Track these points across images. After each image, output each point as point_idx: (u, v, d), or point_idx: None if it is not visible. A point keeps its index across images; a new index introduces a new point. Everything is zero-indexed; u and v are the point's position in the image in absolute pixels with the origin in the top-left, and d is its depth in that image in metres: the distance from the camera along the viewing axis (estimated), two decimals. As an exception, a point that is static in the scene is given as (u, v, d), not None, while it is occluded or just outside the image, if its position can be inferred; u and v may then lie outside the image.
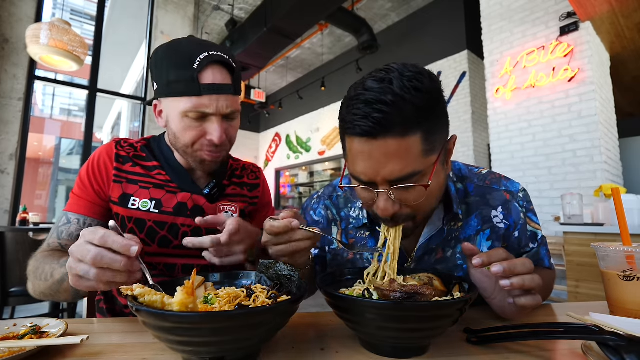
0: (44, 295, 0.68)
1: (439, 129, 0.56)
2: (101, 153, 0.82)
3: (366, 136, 0.53)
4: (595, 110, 3.35)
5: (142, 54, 4.45)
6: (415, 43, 6.38)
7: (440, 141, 0.57)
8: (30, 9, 3.37)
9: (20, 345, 0.45)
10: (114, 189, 0.78)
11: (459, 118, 5.49)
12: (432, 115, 0.54)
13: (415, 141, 0.53)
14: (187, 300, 0.39)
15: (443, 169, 0.62)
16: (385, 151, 0.53)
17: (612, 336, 0.40)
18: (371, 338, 0.48)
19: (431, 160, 0.56)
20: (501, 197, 0.73)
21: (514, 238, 0.72)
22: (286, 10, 5.09)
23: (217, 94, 0.71)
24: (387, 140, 0.52)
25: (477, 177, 0.76)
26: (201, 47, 0.71)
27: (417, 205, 0.59)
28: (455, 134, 0.64)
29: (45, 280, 0.65)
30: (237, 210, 0.87)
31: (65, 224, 0.76)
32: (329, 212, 0.84)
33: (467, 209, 0.72)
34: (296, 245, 0.57)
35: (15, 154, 3.22)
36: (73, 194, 0.80)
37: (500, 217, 0.72)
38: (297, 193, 10.42)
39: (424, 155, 0.55)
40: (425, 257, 0.72)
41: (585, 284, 2.48)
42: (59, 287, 0.64)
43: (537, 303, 0.52)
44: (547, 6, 3.68)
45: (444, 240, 0.71)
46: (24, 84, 3.29)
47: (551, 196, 3.58)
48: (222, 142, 0.74)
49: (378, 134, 0.52)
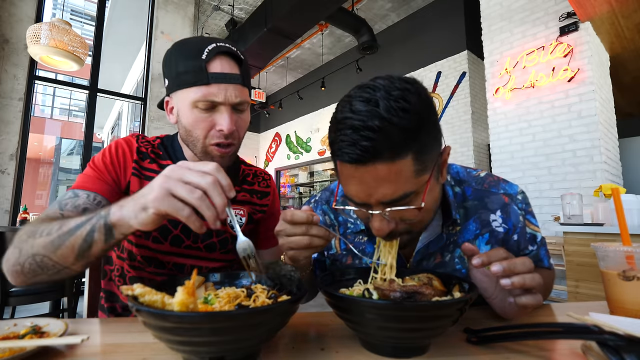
0: (32, 260, 0.56)
1: (430, 147, 0.54)
2: (120, 144, 0.81)
3: (355, 163, 0.52)
4: (595, 110, 3.35)
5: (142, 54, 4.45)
6: (415, 43, 6.38)
7: (432, 158, 0.56)
8: (30, 9, 3.37)
9: (20, 345, 0.45)
10: (133, 182, 0.77)
11: (459, 118, 5.49)
12: (422, 134, 0.52)
13: (406, 163, 0.52)
14: (187, 301, 0.39)
15: (437, 183, 0.61)
16: (376, 176, 0.52)
17: (612, 336, 0.40)
18: (371, 338, 0.48)
19: (424, 179, 0.55)
20: (500, 200, 0.72)
21: (513, 241, 0.72)
22: (286, 10, 5.09)
23: (226, 82, 0.71)
24: (377, 165, 0.51)
25: (475, 180, 0.75)
26: (209, 40, 0.73)
27: (415, 221, 0.59)
28: (454, 135, 0.65)
29: (48, 234, 0.55)
30: (245, 214, 0.88)
31: (71, 197, 0.69)
32: (326, 217, 0.83)
33: (465, 213, 0.71)
34: (310, 240, 0.56)
35: (16, 154, 3.22)
36: (82, 175, 0.74)
37: (499, 221, 0.71)
38: (297, 193, 10.42)
39: (415, 175, 0.53)
40: (423, 262, 0.72)
41: (585, 284, 2.48)
42: (65, 239, 0.54)
43: (537, 302, 0.52)
44: (547, 6, 3.68)
45: (443, 245, 0.71)
46: (24, 84, 3.29)
47: (551, 196, 3.58)
48: (231, 132, 0.73)
49: (367, 160, 0.51)
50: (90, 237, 0.53)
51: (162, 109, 0.86)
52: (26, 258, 0.56)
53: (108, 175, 0.76)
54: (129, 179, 0.78)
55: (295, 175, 10.57)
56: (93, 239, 0.53)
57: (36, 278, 0.58)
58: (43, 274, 0.57)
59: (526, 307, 0.53)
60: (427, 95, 0.54)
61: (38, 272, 0.57)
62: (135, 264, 0.79)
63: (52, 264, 0.56)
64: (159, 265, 0.80)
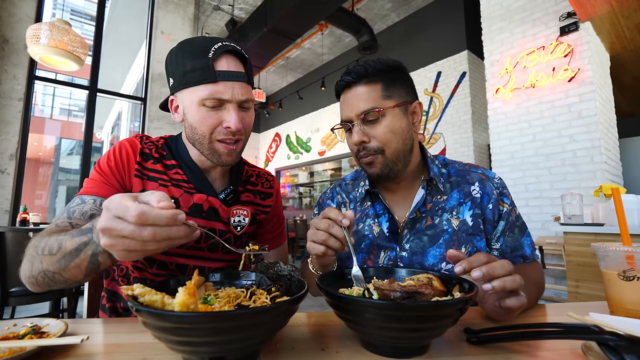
0: (44, 275, 0.58)
1: (397, 85, 0.79)
2: (124, 145, 0.81)
3: (346, 87, 0.81)
4: (595, 110, 3.35)
5: (142, 54, 4.45)
6: (415, 43, 6.38)
7: (398, 94, 0.79)
8: (30, 9, 3.37)
9: (20, 345, 0.45)
10: (135, 184, 0.78)
11: (459, 118, 5.49)
12: (390, 74, 0.79)
13: (376, 88, 0.78)
14: (188, 301, 0.39)
15: (405, 116, 0.80)
16: (356, 94, 0.79)
17: (612, 336, 0.40)
18: (371, 338, 0.48)
19: (389, 103, 0.78)
20: (478, 176, 0.86)
21: (489, 210, 0.82)
22: (286, 10, 5.09)
23: (232, 80, 0.73)
24: (357, 87, 0.79)
25: (458, 164, 0.92)
26: (214, 39, 0.74)
27: (382, 138, 0.78)
28: (454, 135, 0.68)
29: (50, 254, 0.56)
30: (249, 215, 0.88)
31: (78, 204, 0.70)
32: (338, 196, 0.98)
33: (450, 186, 0.86)
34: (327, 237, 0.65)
35: (16, 154, 3.22)
36: (89, 179, 0.76)
37: (477, 189, 0.84)
38: (297, 193, 10.42)
39: (382, 98, 0.78)
40: (416, 224, 0.83)
41: (585, 284, 2.48)
42: (69, 261, 0.55)
43: (521, 303, 0.54)
44: (547, 6, 3.68)
45: (432, 210, 0.83)
46: (24, 84, 3.29)
47: (551, 196, 3.58)
48: (238, 129, 0.74)
49: (352, 83, 0.80)
50: (94, 259, 0.54)
51: (164, 109, 0.86)
52: (38, 272, 0.58)
53: (113, 178, 0.76)
54: (131, 180, 0.78)
55: (295, 175, 10.57)
56: (98, 261, 0.54)
57: (51, 287, 0.61)
58: (57, 285, 0.60)
59: (511, 309, 0.55)
60: (402, 67, 0.83)
61: (52, 284, 0.60)
62: (138, 264, 0.80)
63: (63, 279, 0.58)
64: (162, 266, 0.80)
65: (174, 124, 4.25)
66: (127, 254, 0.47)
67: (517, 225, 0.84)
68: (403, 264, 0.80)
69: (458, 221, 0.81)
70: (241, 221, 0.87)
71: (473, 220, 0.81)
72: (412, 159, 0.85)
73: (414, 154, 0.85)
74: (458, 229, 0.80)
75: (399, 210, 0.87)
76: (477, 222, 0.81)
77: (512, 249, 0.82)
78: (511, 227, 0.83)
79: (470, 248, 0.78)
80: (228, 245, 0.84)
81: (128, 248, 0.45)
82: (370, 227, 0.86)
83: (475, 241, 0.79)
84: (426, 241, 0.80)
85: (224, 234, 0.84)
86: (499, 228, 0.82)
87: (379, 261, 0.83)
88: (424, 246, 0.79)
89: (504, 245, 0.82)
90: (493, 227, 0.82)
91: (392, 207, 0.87)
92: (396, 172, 0.82)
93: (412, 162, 0.85)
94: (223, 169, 0.88)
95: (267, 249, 0.66)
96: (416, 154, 0.86)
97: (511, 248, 0.82)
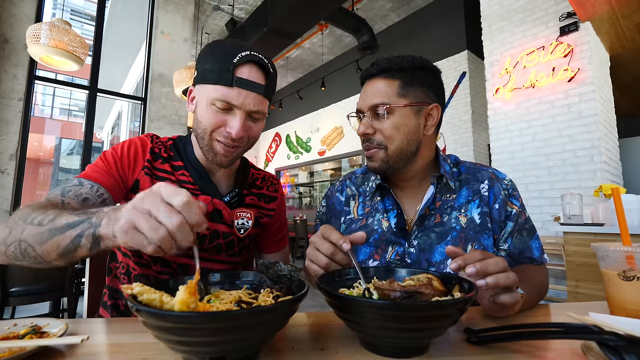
0: (17, 245, 0.55)
1: (415, 85, 0.79)
2: (134, 142, 0.83)
3: (368, 77, 0.83)
4: (595, 110, 3.35)
5: (142, 54, 4.45)
6: (415, 43, 6.38)
7: (414, 94, 0.78)
8: (30, 9, 3.37)
9: (20, 345, 0.44)
10: (145, 181, 0.79)
11: (459, 118, 5.49)
12: (410, 72, 0.79)
13: (393, 84, 0.78)
14: (189, 300, 0.39)
15: (415, 117, 0.79)
16: (372, 87, 0.80)
17: (612, 336, 0.40)
18: (371, 338, 0.48)
19: (401, 102, 0.78)
20: (487, 174, 0.87)
21: (495, 210, 0.82)
22: (286, 10, 5.09)
23: (248, 89, 0.73)
24: (376, 79, 0.80)
25: (469, 163, 0.93)
26: (243, 47, 0.75)
27: (386, 134, 0.78)
28: (454, 135, 0.67)
29: (40, 224, 0.55)
30: (252, 218, 0.89)
31: (75, 185, 0.70)
32: (348, 189, 0.98)
33: (459, 184, 0.86)
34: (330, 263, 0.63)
35: (16, 154, 3.22)
36: (92, 165, 0.77)
37: (485, 188, 0.84)
38: (297, 193, 10.42)
39: (396, 95, 0.78)
40: (425, 221, 0.82)
41: (585, 284, 2.48)
42: (52, 235, 0.54)
43: (515, 300, 0.55)
44: (547, 6, 3.68)
45: (441, 208, 0.83)
46: (24, 84, 3.29)
47: (551, 196, 3.58)
48: (238, 137, 0.75)
49: (373, 75, 0.81)
50: (77, 240, 0.53)
51: (185, 94, 0.88)
52: (12, 241, 0.56)
53: (115, 170, 0.77)
54: (137, 177, 0.79)
55: (295, 175, 10.57)
56: (80, 244, 0.53)
57: (15, 262, 0.58)
58: (24, 260, 0.57)
59: (505, 305, 0.56)
60: (431, 66, 0.84)
61: (19, 258, 0.57)
62: (141, 261, 0.80)
63: (34, 255, 0.56)
64: (164, 264, 0.80)
65: (174, 124, 4.24)
66: (136, 236, 0.46)
67: (526, 227, 0.84)
68: (411, 260, 0.80)
69: (466, 219, 0.81)
70: (245, 224, 0.87)
71: (481, 218, 0.81)
72: (418, 160, 0.84)
73: (421, 155, 0.84)
74: (466, 227, 0.80)
75: (409, 206, 0.87)
76: (484, 220, 0.81)
77: (520, 250, 0.82)
78: (520, 229, 0.83)
79: (477, 246, 0.78)
80: (231, 249, 0.85)
81: (147, 227, 0.45)
82: (379, 222, 0.86)
83: (482, 239, 0.79)
84: (434, 238, 0.80)
85: (228, 236, 0.85)
86: (507, 229, 0.82)
87: (387, 256, 0.82)
88: (432, 243, 0.80)
89: (512, 247, 0.81)
90: (500, 226, 0.82)
91: (402, 203, 0.87)
92: (395, 170, 0.82)
93: (419, 162, 0.84)
94: (229, 171, 0.89)
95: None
96: (425, 155, 0.85)
97: (519, 250, 0.82)
